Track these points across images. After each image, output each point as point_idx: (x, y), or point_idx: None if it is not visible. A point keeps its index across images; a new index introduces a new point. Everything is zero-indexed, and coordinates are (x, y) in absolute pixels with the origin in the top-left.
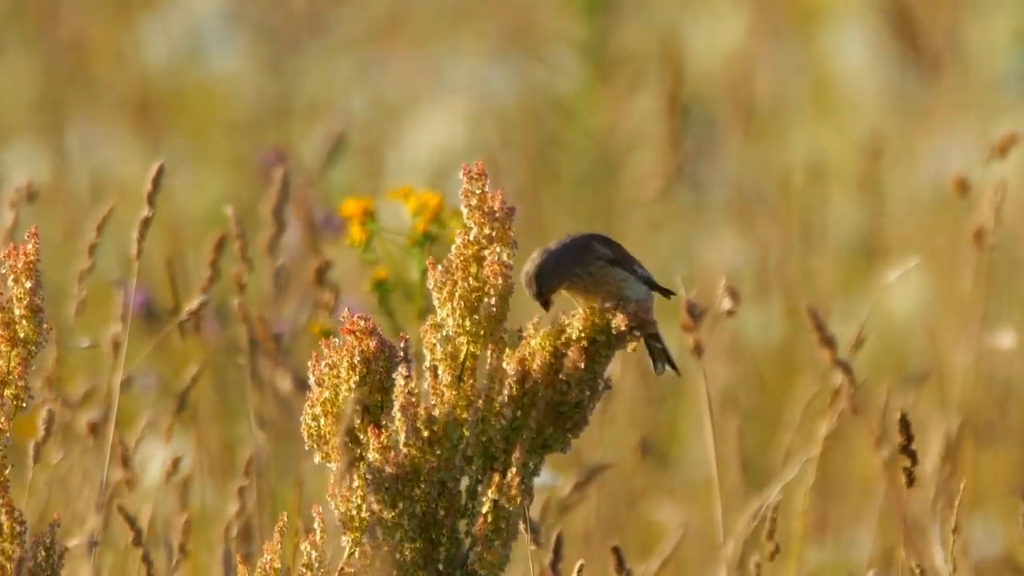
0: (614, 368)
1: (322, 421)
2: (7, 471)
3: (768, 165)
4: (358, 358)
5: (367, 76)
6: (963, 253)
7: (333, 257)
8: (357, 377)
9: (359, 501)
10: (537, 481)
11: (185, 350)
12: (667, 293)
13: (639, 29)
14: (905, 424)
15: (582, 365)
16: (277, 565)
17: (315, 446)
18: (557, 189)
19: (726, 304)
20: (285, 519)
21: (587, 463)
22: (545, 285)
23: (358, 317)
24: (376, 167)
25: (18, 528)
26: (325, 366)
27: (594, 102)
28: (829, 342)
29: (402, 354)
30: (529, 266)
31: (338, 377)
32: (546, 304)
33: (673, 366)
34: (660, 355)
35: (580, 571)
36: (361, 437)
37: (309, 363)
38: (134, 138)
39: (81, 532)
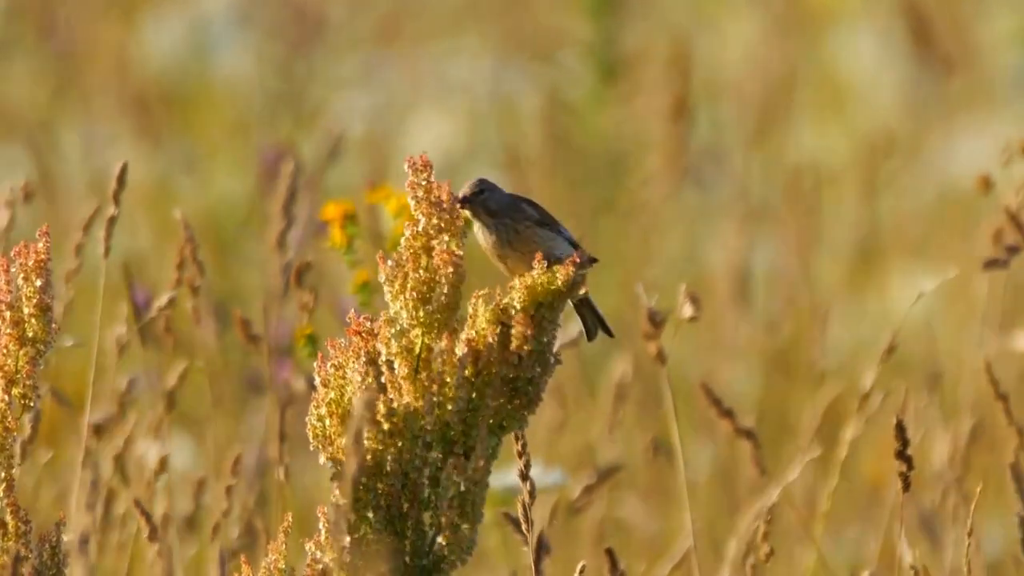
0: (624, 371)
1: (327, 422)
2: (14, 470)
3: (776, 166)
4: (364, 359)
5: (372, 76)
6: (980, 254)
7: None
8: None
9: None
10: (547, 481)
11: (185, 350)
12: (590, 260)
13: (646, 30)
14: (901, 430)
15: (530, 332)
16: (282, 565)
17: (320, 447)
18: (563, 190)
19: (687, 311)
20: (290, 519)
21: (598, 464)
22: (482, 192)
23: (364, 318)
24: (380, 167)
25: (23, 527)
26: (331, 367)
27: (601, 103)
28: (728, 414)
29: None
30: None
31: (344, 378)
32: (466, 202)
33: (607, 330)
34: (593, 320)
35: (582, 572)
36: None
37: (315, 363)
38: (139, 137)
39: (74, 530)
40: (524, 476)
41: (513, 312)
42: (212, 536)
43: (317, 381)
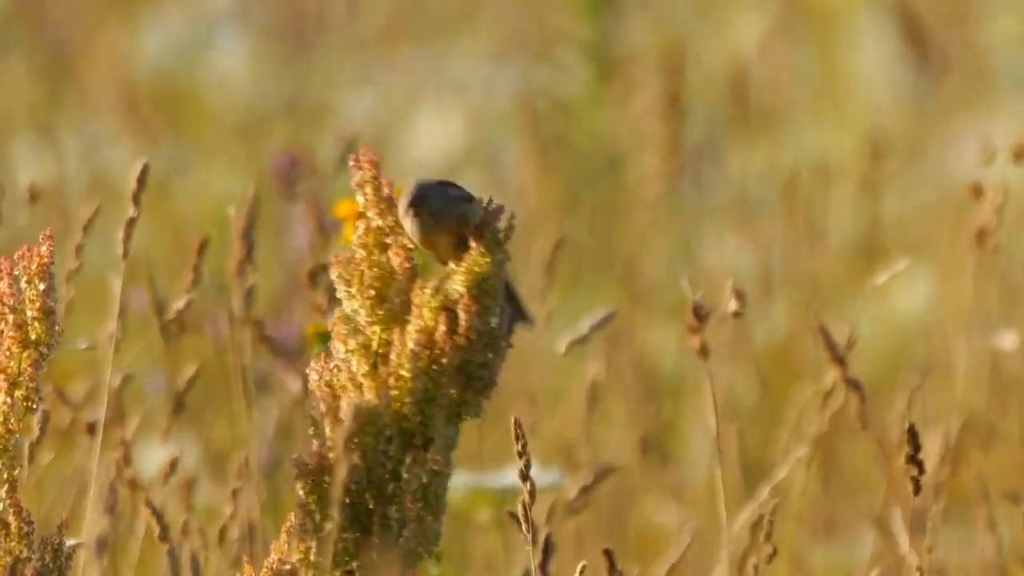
0: (603, 368)
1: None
2: (16, 471)
3: (772, 166)
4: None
5: (373, 76)
6: (965, 253)
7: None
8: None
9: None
10: (545, 481)
11: (189, 350)
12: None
13: (643, 29)
14: (913, 435)
15: (475, 310)
16: (287, 566)
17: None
18: (560, 189)
19: (732, 306)
20: (292, 519)
21: (593, 464)
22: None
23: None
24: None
25: (26, 528)
26: (334, 367)
27: (597, 102)
28: (840, 360)
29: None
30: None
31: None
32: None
33: (525, 316)
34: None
35: (582, 572)
36: None
37: (312, 363)
38: (137, 138)
39: (86, 533)
40: (524, 476)
41: (458, 297)
42: (219, 540)
43: (314, 380)
